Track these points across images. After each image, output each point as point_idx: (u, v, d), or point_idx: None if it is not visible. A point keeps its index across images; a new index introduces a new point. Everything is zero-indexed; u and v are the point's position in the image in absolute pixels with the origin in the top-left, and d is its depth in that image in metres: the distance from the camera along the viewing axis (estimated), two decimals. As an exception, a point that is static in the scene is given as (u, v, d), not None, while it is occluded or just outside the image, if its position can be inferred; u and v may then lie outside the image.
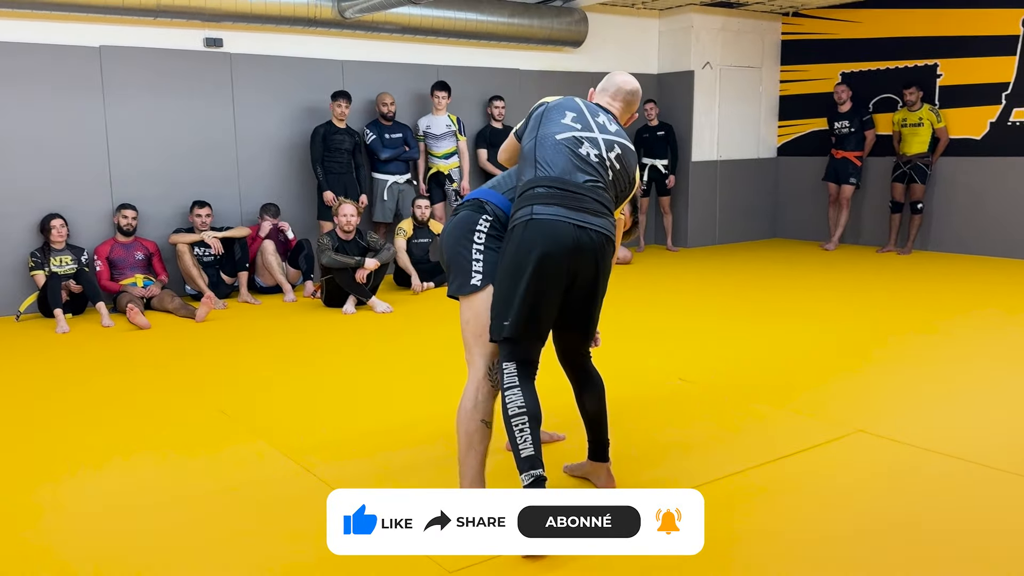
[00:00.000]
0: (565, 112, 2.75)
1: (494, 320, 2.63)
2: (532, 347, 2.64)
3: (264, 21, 7.07)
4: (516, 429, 2.54)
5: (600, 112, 2.82)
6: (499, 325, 2.61)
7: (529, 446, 2.52)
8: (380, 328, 5.85)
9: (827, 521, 2.76)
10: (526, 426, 2.53)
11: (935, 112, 8.67)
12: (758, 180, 10.37)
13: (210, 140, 7.21)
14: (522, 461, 2.52)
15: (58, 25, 6.49)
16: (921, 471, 3.17)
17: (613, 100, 2.93)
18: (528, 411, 2.55)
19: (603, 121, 2.79)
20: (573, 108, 2.78)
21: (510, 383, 2.59)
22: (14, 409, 4.15)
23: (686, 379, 4.43)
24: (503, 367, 2.61)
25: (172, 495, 3.05)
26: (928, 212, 8.93)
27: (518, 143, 2.89)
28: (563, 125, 2.71)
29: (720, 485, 3.03)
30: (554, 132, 2.70)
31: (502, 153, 3.05)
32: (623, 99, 2.94)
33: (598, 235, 2.63)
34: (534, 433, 2.54)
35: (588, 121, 2.75)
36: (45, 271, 6.25)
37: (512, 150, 2.96)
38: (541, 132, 2.72)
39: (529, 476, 2.50)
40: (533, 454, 2.52)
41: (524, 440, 2.53)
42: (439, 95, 7.84)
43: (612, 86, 2.95)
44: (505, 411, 2.57)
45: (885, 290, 6.92)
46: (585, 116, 2.76)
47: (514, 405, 2.55)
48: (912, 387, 4.26)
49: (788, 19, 10.15)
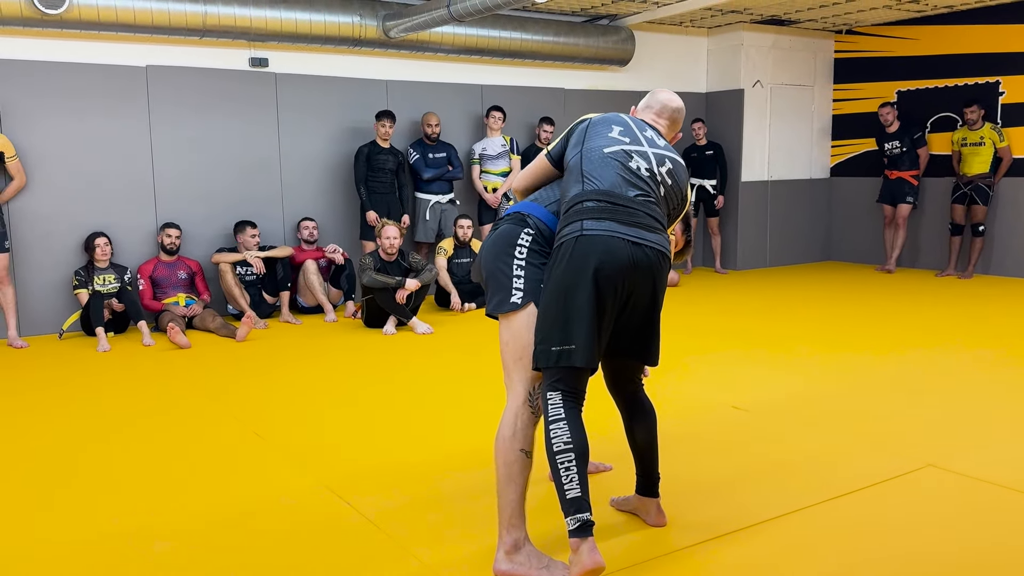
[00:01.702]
0: (612, 126, 2.59)
1: (539, 345, 2.42)
2: (581, 376, 2.44)
3: (309, 41, 7.06)
4: (561, 467, 2.33)
5: (647, 127, 2.67)
6: (545, 351, 2.40)
7: (576, 486, 2.31)
8: (420, 350, 5.72)
9: (899, 564, 2.52)
10: (572, 464, 2.32)
11: (997, 131, 8.33)
12: (810, 201, 10.09)
13: (254, 160, 7.19)
14: (567, 503, 2.32)
15: (104, 45, 6.54)
16: (997, 509, 2.92)
17: (659, 117, 2.77)
18: (575, 448, 2.34)
19: (651, 136, 2.63)
20: (620, 123, 2.62)
21: (555, 415, 2.38)
22: (53, 427, 4.09)
23: (740, 407, 4.21)
24: (548, 397, 2.41)
25: (200, 518, 2.93)
26: (990, 235, 8.57)
27: (549, 165, 2.71)
28: (611, 139, 2.55)
29: (780, 524, 2.81)
30: (602, 145, 2.54)
31: (524, 177, 2.79)
32: (669, 116, 2.78)
33: (654, 252, 2.44)
34: (581, 472, 2.33)
35: (636, 135, 2.59)
36: (88, 289, 6.25)
37: (539, 174, 2.75)
38: (587, 145, 2.55)
39: (575, 520, 2.30)
40: (579, 495, 2.31)
41: (570, 479, 2.32)
42: (494, 115, 7.79)
43: (657, 103, 2.79)
44: (549, 447, 2.37)
45: (948, 316, 6.60)
46: (633, 130, 2.60)
47: (559, 440, 2.34)
48: (983, 419, 3.98)
49: (841, 37, 9.89)
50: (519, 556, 2.45)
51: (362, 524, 2.87)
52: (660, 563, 2.56)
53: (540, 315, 2.45)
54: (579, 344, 2.36)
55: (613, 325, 2.46)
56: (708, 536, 2.72)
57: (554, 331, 2.39)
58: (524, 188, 2.80)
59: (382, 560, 2.61)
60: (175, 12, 6.36)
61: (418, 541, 2.72)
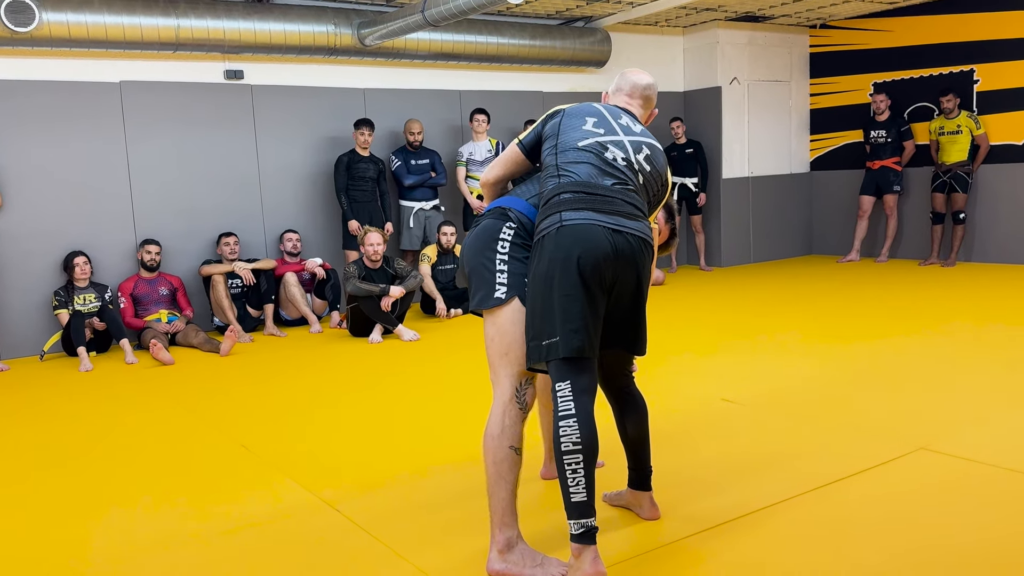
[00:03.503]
0: (585, 118, 2.55)
1: (530, 343, 2.37)
2: (583, 365, 2.35)
3: (284, 51, 7.02)
4: (568, 469, 2.26)
5: (622, 114, 2.62)
6: (536, 347, 2.34)
7: (582, 491, 2.25)
8: (406, 357, 5.67)
9: (895, 546, 2.50)
10: (580, 466, 2.25)
11: (974, 119, 8.39)
12: (792, 196, 10.12)
13: (233, 173, 7.14)
14: (572, 507, 2.25)
15: (77, 62, 6.48)
16: (990, 488, 2.90)
17: (631, 99, 2.74)
18: (584, 448, 2.26)
19: (626, 123, 2.59)
20: (593, 113, 2.57)
21: (565, 411, 2.30)
22: (38, 448, 4.01)
23: (730, 399, 4.19)
24: (556, 390, 2.33)
25: (191, 531, 2.88)
26: (971, 222, 8.62)
27: (522, 155, 2.66)
28: (585, 131, 2.51)
29: (774, 513, 2.79)
30: (575, 139, 2.49)
31: (495, 168, 2.72)
32: (641, 95, 2.75)
33: (635, 239, 2.40)
34: (588, 475, 2.26)
35: (611, 124, 2.55)
36: (69, 309, 6.17)
37: (511, 164, 2.69)
38: (561, 140, 2.51)
39: (579, 526, 2.25)
40: (585, 500, 2.25)
41: (576, 483, 2.25)
42: (478, 118, 7.72)
43: (627, 84, 2.76)
44: (557, 445, 2.29)
45: (932, 303, 6.62)
46: (607, 119, 2.56)
47: (568, 440, 2.27)
48: (972, 401, 3.98)
49: (816, 31, 9.94)
50: (512, 555, 2.41)
51: (353, 531, 2.83)
52: (655, 556, 2.53)
53: (528, 312, 2.41)
54: (565, 334, 2.30)
55: (603, 311, 2.41)
56: (702, 528, 2.69)
57: (542, 326, 2.34)
58: (496, 178, 2.73)
59: (375, 565, 2.57)
60: (147, 26, 6.31)
61: (411, 545, 2.68)
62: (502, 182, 2.74)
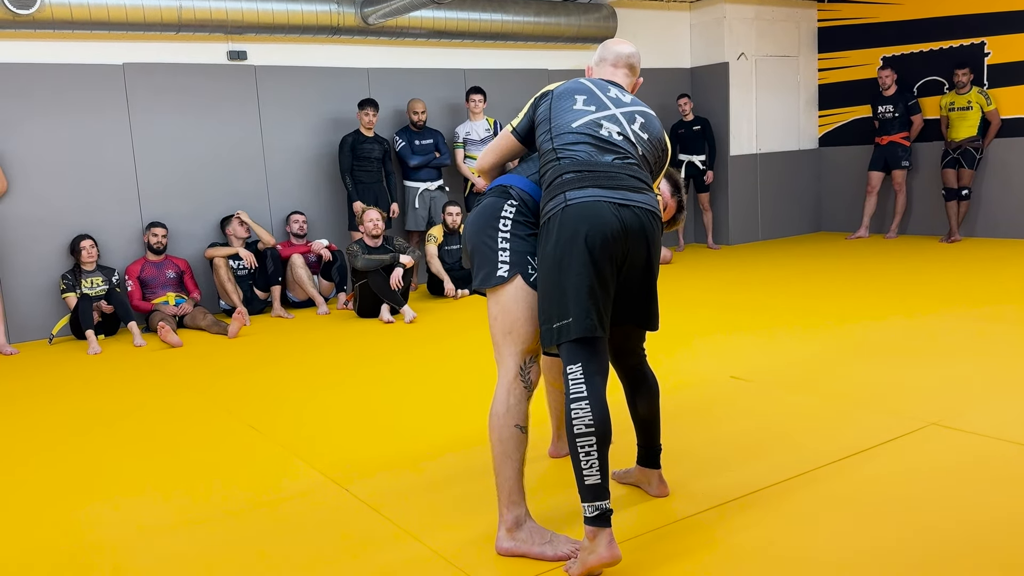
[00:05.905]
0: (574, 96, 2.51)
1: (543, 325, 2.34)
2: (595, 346, 2.33)
3: (287, 31, 6.97)
4: (581, 451, 2.23)
5: (610, 87, 2.58)
6: (548, 330, 2.32)
7: (595, 473, 2.22)
8: (414, 337, 5.67)
9: (909, 522, 2.49)
10: (593, 448, 2.22)
11: (984, 95, 8.28)
12: (800, 172, 10.04)
13: (237, 154, 7.12)
14: (585, 489, 2.23)
15: (80, 44, 6.44)
16: (1003, 464, 2.88)
17: (616, 69, 2.70)
18: (597, 431, 2.23)
19: (615, 95, 2.55)
20: (582, 90, 2.53)
21: (576, 393, 2.27)
22: (47, 431, 4.03)
23: (739, 377, 4.17)
24: (568, 372, 2.30)
25: (201, 512, 2.89)
26: (982, 196, 8.53)
27: (516, 141, 2.63)
28: (577, 111, 2.47)
29: (784, 490, 2.77)
30: (569, 121, 2.45)
31: (489, 154, 2.70)
32: (625, 64, 2.71)
33: (643, 211, 2.37)
34: (602, 456, 2.23)
35: (601, 99, 2.51)
36: (76, 293, 6.18)
37: (505, 150, 2.67)
38: (555, 123, 2.47)
39: (594, 508, 2.22)
40: (599, 482, 2.22)
41: (590, 465, 2.22)
42: (475, 99, 7.65)
43: (611, 55, 2.72)
44: (570, 427, 2.26)
45: (942, 279, 6.57)
46: (596, 95, 2.52)
47: (581, 423, 2.24)
48: (984, 378, 3.95)
49: (824, 5, 9.83)
50: (521, 533, 2.40)
51: (363, 510, 2.83)
52: (664, 533, 2.52)
53: (540, 295, 2.38)
54: (575, 315, 2.28)
55: (614, 288, 2.38)
56: (711, 504, 2.68)
57: (553, 308, 2.32)
58: (491, 165, 2.71)
59: (386, 545, 2.56)
60: (150, 8, 6.27)
61: (420, 524, 2.68)
62: (498, 168, 2.72)
